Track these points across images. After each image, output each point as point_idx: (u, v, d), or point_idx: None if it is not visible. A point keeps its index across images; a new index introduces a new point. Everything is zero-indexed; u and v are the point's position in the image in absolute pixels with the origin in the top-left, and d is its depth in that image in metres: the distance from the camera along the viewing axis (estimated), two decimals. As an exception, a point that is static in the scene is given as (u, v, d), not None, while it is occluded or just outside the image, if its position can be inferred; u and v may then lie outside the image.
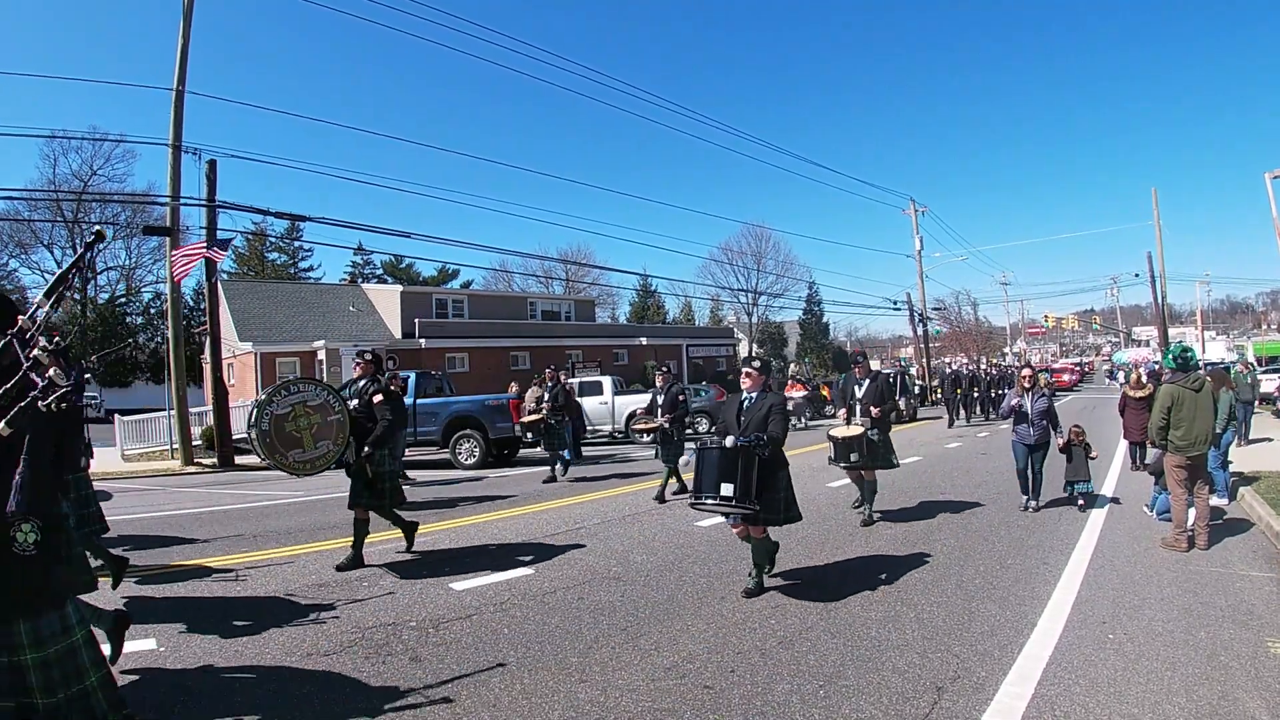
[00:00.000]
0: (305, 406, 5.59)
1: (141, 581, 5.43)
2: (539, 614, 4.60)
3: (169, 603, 4.95)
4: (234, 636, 4.22)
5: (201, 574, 5.71)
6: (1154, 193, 38.64)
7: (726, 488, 4.50)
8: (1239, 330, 79.88)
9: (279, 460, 5.45)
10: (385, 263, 52.55)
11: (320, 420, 5.63)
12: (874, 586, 5.09)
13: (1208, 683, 3.43)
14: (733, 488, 4.49)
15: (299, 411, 5.55)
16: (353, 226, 54.10)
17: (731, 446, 4.56)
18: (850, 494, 9.13)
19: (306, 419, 5.57)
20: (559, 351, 31.79)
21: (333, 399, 5.76)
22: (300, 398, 5.61)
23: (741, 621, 4.41)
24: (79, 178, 42.32)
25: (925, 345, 38.48)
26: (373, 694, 3.41)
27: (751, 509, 4.53)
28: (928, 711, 3.16)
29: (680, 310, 58.51)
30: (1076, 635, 4.07)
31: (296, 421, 5.53)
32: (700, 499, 4.66)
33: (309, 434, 5.57)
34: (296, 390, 5.67)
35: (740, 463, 4.52)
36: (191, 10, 14.83)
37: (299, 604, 4.85)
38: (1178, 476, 6.08)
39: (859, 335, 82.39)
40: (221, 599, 5.03)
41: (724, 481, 4.51)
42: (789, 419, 5.06)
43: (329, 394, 5.77)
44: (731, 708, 3.22)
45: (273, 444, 5.43)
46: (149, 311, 45.51)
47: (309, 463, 5.58)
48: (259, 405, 5.54)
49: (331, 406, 5.72)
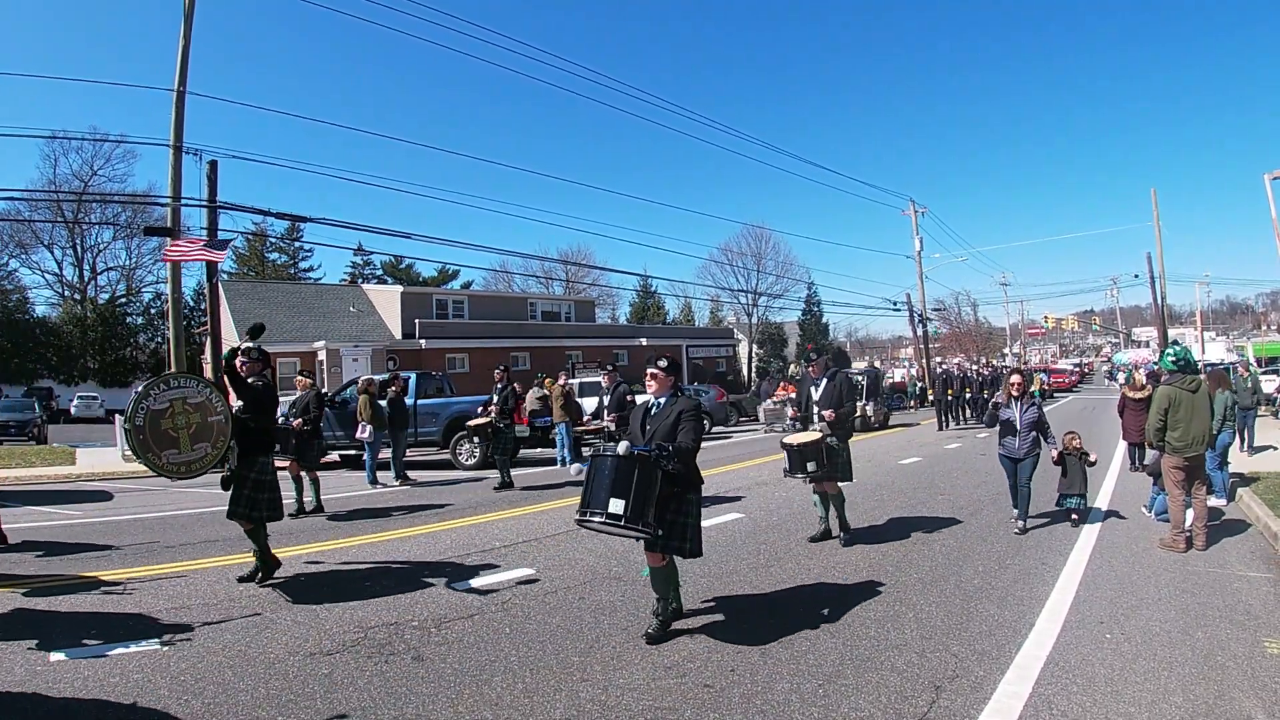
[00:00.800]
0: (185, 404, 5.13)
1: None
2: (540, 613, 4.62)
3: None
4: (236, 633, 4.25)
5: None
6: (1154, 193, 38.67)
7: (616, 504, 3.77)
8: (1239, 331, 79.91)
9: (152, 461, 4.98)
10: (385, 263, 52.63)
11: (200, 420, 5.17)
12: (873, 586, 5.11)
13: (1204, 682, 3.45)
14: (624, 505, 3.74)
15: (177, 409, 5.08)
16: (353, 227, 54.15)
17: (626, 454, 3.87)
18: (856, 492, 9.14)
19: (185, 417, 5.11)
20: (559, 352, 31.82)
21: (214, 398, 5.30)
22: (180, 393, 5.15)
23: (741, 621, 4.43)
24: (79, 178, 42.33)
25: (925, 346, 38.50)
26: (375, 693, 3.43)
27: (646, 533, 3.85)
28: (926, 710, 3.18)
29: (680, 311, 58.56)
30: (1074, 635, 4.09)
31: (174, 419, 5.06)
32: (585, 515, 3.90)
33: (186, 434, 5.10)
34: (176, 385, 5.21)
35: (637, 476, 3.82)
36: (192, 11, 14.85)
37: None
38: (1175, 478, 6.10)
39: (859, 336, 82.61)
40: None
41: (615, 497, 3.79)
42: (702, 428, 4.27)
43: (210, 392, 5.32)
44: (731, 706, 3.25)
45: (146, 441, 4.96)
46: (149, 311, 45.53)
47: (184, 465, 5.10)
48: (135, 398, 5.09)
49: (213, 406, 5.25)
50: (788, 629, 4.27)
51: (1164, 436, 6.13)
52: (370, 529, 7.46)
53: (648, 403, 4.45)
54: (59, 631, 4.33)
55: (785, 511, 8.07)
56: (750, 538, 6.75)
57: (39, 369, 39.69)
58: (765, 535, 6.85)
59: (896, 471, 11.39)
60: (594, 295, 48.59)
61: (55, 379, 39.86)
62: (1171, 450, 6.09)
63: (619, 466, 3.85)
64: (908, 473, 11.15)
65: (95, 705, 3.31)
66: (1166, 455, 6.17)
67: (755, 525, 7.32)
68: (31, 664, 3.81)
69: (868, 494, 9.18)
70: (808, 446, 6.18)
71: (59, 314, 43.08)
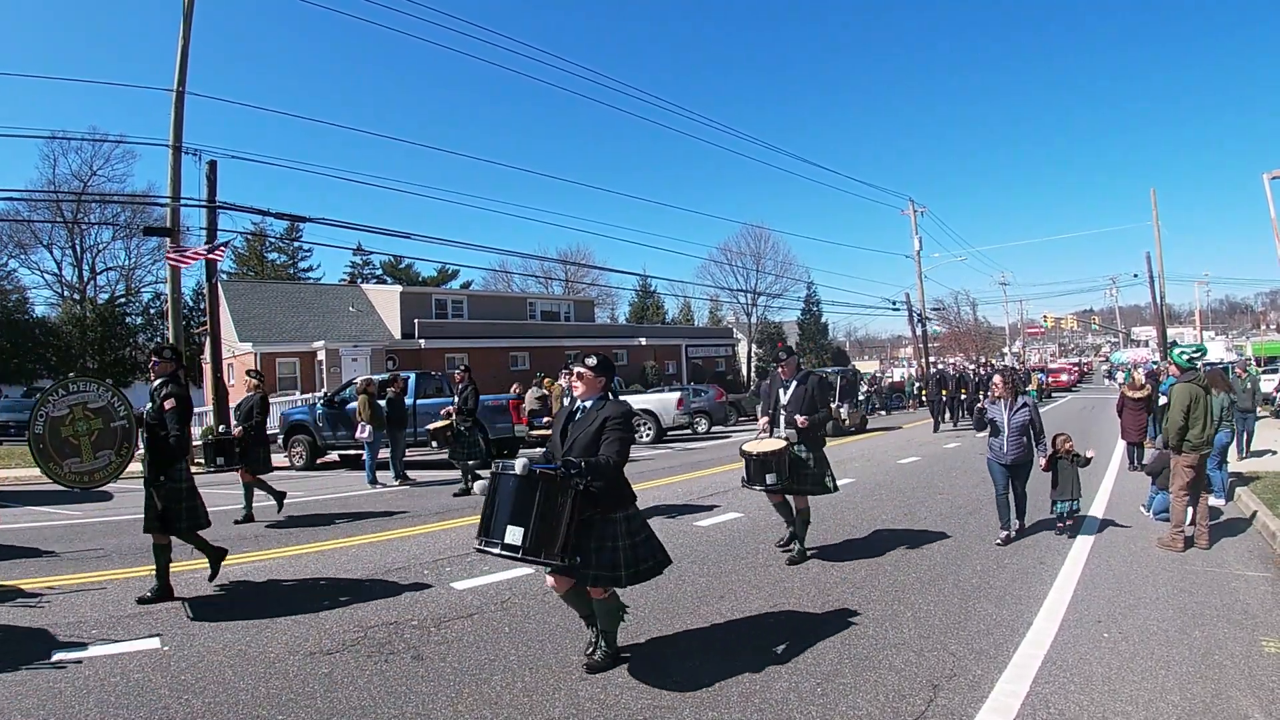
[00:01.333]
0: (85, 409, 4.88)
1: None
2: (540, 613, 4.63)
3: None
4: (237, 633, 4.26)
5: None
6: (1153, 193, 38.74)
7: (514, 533, 3.17)
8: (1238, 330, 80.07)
9: (53, 471, 4.69)
10: (385, 263, 52.58)
11: (102, 426, 4.91)
12: (871, 585, 5.13)
13: (1201, 681, 3.47)
14: (522, 534, 3.16)
15: (78, 414, 4.85)
16: (352, 227, 54.21)
17: (524, 474, 3.22)
18: (855, 492, 9.17)
19: (86, 423, 4.86)
20: (558, 352, 31.81)
21: (117, 402, 5.01)
22: (80, 398, 4.90)
23: (740, 621, 4.44)
24: (79, 178, 42.26)
25: (924, 345, 38.53)
26: (375, 692, 3.44)
27: (555, 563, 3.25)
28: (924, 709, 3.20)
29: (679, 310, 58.54)
30: (1072, 634, 4.11)
31: (74, 426, 4.82)
32: (482, 544, 3.32)
33: (88, 441, 4.85)
34: (77, 390, 4.94)
35: (539, 499, 3.19)
36: (192, 11, 14.86)
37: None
38: (1187, 477, 6.03)
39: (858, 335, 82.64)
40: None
41: (513, 524, 3.20)
42: (630, 438, 3.63)
43: (113, 396, 5.05)
44: (730, 704, 3.26)
45: (46, 450, 4.67)
46: (149, 312, 45.46)
47: (87, 475, 4.84)
48: (34, 405, 4.82)
49: (115, 411, 4.99)
50: (786, 628, 4.28)
51: (1185, 435, 6.00)
52: (370, 528, 7.46)
53: (572, 407, 3.82)
54: (59, 631, 4.34)
55: (784, 511, 8.08)
56: (749, 537, 6.76)
57: (38, 369, 39.66)
58: (764, 534, 6.87)
59: (895, 471, 11.40)
60: (593, 295, 48.59)
61: (55, 379, 39.87)
62: (1190, 448, 6.01)
63: (519, 488, 3.23)
64: (906, 472, 11.17)
65: (96, 704, 3.33)
66: (1185, 453, 6.04)
67: (754, 525, 7.34)
68: (33, 663, 3.82)
69: (866, 493, 9.19)
70: (769, 455, 5.57)
71: (58, 314, 43.03)
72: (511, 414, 14.57)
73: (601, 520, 3.51)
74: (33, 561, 6.26)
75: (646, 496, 9.22)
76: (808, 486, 5.84)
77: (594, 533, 3.48)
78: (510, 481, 3.28)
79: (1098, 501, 8.15)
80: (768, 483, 5.60)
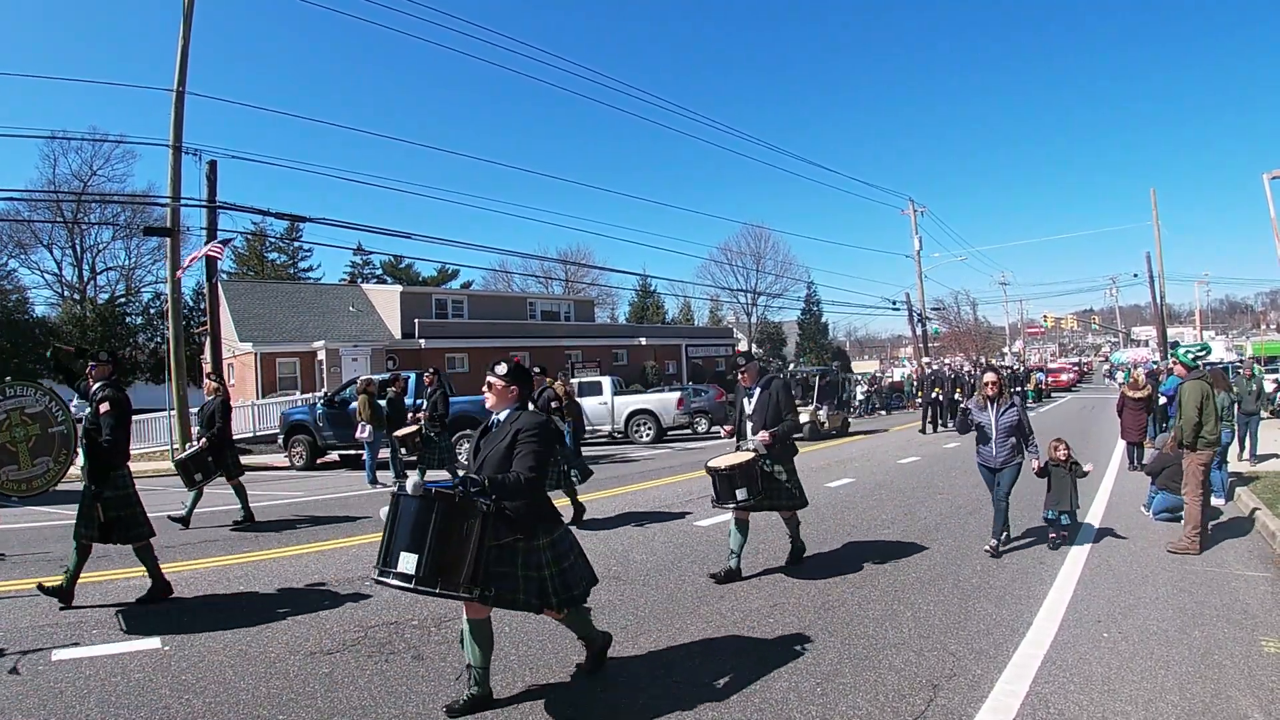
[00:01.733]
0: (22, 414, 4.72)
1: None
2: (540, 613, 4.63)
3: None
4: (237, 633, 4.26)
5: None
6: (1153, 193, 38.77)
7: (407, 560, 2.86)
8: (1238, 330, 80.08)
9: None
10: (385, 263, 52.58)
11: (39, 432, 4.76)
12: (871, 585, 5.13)
13: (1201, 681, 3.47)
14: (416, 561, 2.84)
15: (14, 420, 4.68)
16: (352, 227, 54.30)
17: (417, 494, 2.92)
18: (855, 492, 9.19)
19: (24, 429, 4.70)
20: (559, 351, 31.84)
21: (55, 406, 4.88)
22: (16, 403, 4.74)
23: (740, 620, 4.44)
24: (79, 178, 42.29)
25: (924, 345, 38.53)
26: (375, 692, 3.44)
27: (457, 595, 2.91)
28: (924, 709, 3.20)
29: (679, 310, 58.57)
30: (1071, 634, 4.11)
31: (11, 432, 4.65)
32: (378, 573, 2.97)
33: (25, 447, 4.68)
34: (12, 394, 4.79)
35: (436, 522, 2.87)
36: (192, 11, 14.86)
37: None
38: (1201, 476, 5.99)
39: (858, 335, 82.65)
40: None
41: (407, 550, 2.88)
42: (548, 451, 3.27)
43: (51, 400, 4.91)
44: (730, 704, 3.26)
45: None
46: (149, 311, 45.46)
47: (25, 483, 4.67)
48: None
49: (53, 416, 4.85)
50: (785, 627, 4.28)
51: (1200, 432, 5.93)
52: (371, 528, 7.47)
53: (488, 420, 3.51)
54: (60, 631, 4.34)
55: (784, 511, 8.09)
56: (750, 536, 6.74)
57: (39, 369, 39.70)
58: (763, 536, 6.86)
59: (895, 471, 11.40)
60: (593, 295, 48.61)
61: (55, 379, 39.86)
62: (1204, 445, 5.97)
63: (418, 511, 2.92)
64: (906, 472, 11.17)
65: (97, 703, 3.33)
66: (1199, 451, 5.98)
67: (753, 525, 7.27)
68: (33, 662, 3.83)
69: (866, 493, 9.20)
70: (737, 470, 5.14)
71: (58, 314, 43.04)
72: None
73: (524, 547, 3.17)
74: (33, 562, 6.28)
75: (647, 496, 9.23)
76: (784, 500, 5.46)
77: (517, 560, 3.15)
78: (411, 504, 2.96)
79: (1097, 501, 8.15)
80: (739, 499, 5.16)
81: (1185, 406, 5.98)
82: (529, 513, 3.19)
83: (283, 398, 23.04)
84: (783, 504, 5.48)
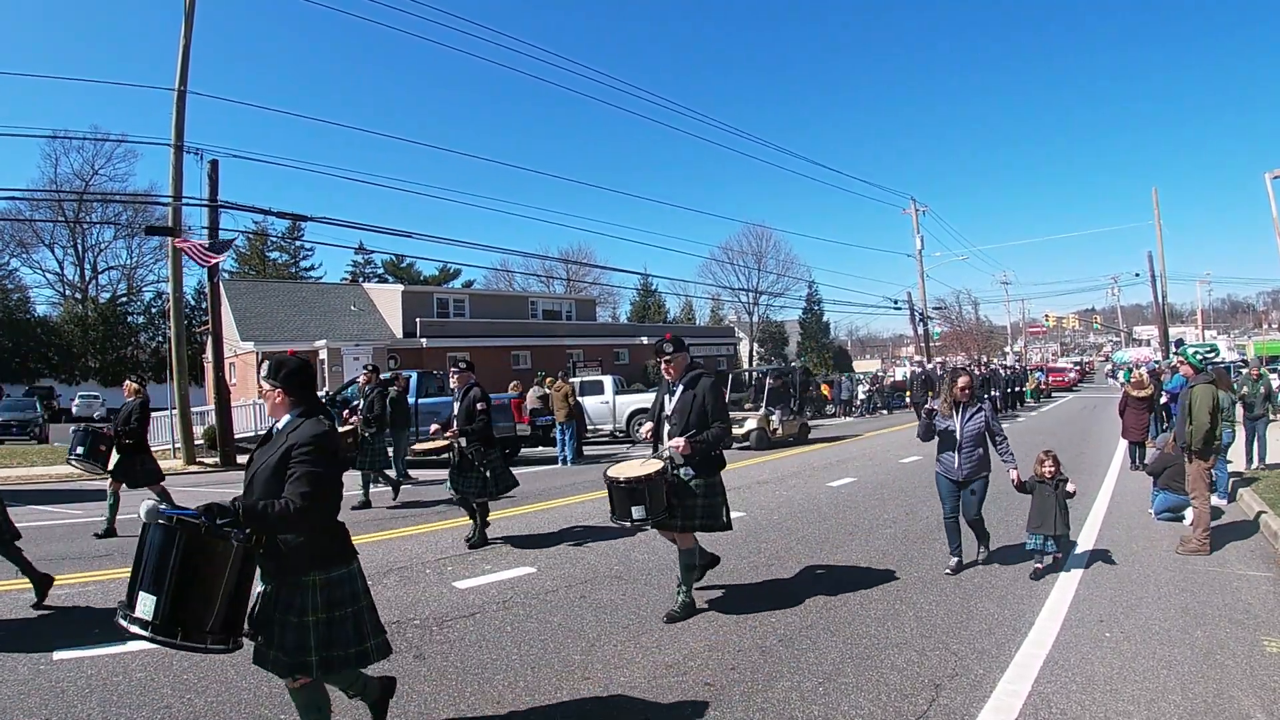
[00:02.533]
0: None
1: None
2: (542, 612, 4.64)
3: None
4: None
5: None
6: (1154, 192, 38.81)
7: (145, 602, 2.29)
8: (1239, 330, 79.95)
9: None
10: (386, 262, 52.63)
11: None
12: (873, 585, 5.12)
13: (1203, 680, 3.46)
14: (154, 605, 2.28)
15: None
16: (354, 226, 54.07)
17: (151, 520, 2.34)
18: (857, 491, 9.18)
19: None
20: (560, 351, 31.85)
21: None
22: None
23: (741, 620, 4.44)
24: (80, 177, 42.37)
25: (926, 345, 38.51)
26: (377, 691, 3.44)
27: (200, 646, 2.35)
28: (925, 708, 3.20)
29: (681, 310, 58.55)
30: (1073, 634, 4.11)
31: None
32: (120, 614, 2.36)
33: None
34: None
35: (176, 558, 2.31)
36: (193, 10, 14.86)
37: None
38: (1208, 479, 5.95)
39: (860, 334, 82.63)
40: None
41: (145, 591, 2.31)
42: (330, 473, 2.60)
43: None
44: (732, 704, 3.26)
45: None
46: (150, 311, 45.59)
47: None
48: None
49: None
50: (788, 627, 4.28)
51: (1211, 438, 5.82)
52: (371, 528, 7.47)
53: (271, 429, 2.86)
54: (62, 630, 4.35)
55: (786, 511, 8.09)
56: (751, 537, 6.76)
57: (40, 368, 39.76)
58: (766, 534, 6.87)
59: (897, 470, 11.39)
60: (595, 294, 48.63)
61: (56, 378, 39.93)
62: (1213, 451, 5.92)
63: (162, 543, 2.32)
64: (907, 472, 11.16)
65: (99, 703, 3.33)
66: (1209, 456, 5.90)
67: (756, 524, 7.33)
68: (35, 662, 3.83)
69: (868, 493, 9.19)
70: (637, 482, 4.32)
71: (60, 313, 43.14)
72: (514, 413, 14.59)
73: (289, 584, 2.57)
74: (34, 562, 6.26)
75: (648, 496, 9.20)
76: (694, 521, 4.50)
77: (279, 601, 2.56)
78: (157, 534, 2.34)
79: (1098, 502, 8.14)
80: (634, 518, 4.33)
81: (1197, 412, 5.77)
82: (304, 545, 2.58)
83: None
84: (692, 524, 4.51)
